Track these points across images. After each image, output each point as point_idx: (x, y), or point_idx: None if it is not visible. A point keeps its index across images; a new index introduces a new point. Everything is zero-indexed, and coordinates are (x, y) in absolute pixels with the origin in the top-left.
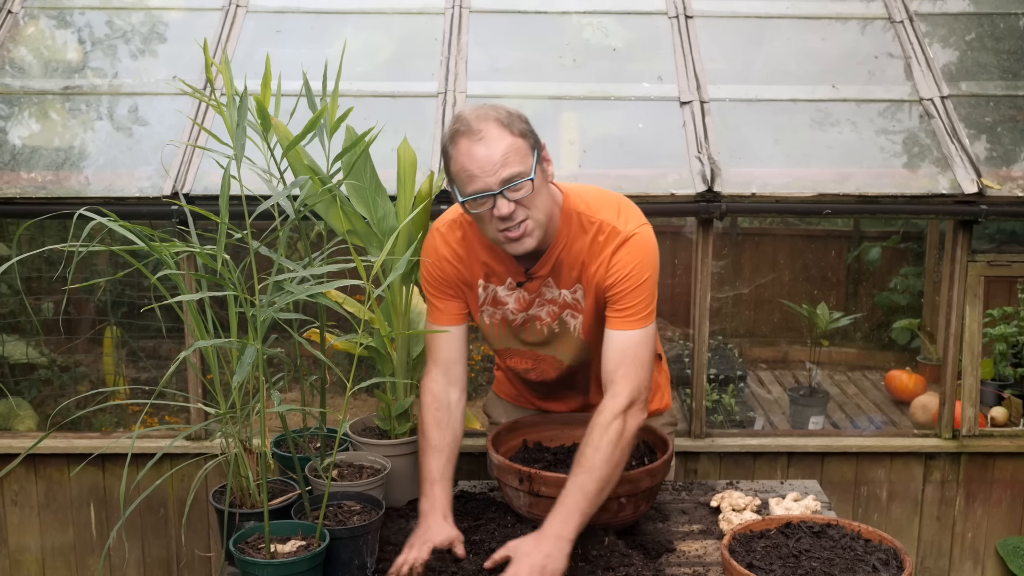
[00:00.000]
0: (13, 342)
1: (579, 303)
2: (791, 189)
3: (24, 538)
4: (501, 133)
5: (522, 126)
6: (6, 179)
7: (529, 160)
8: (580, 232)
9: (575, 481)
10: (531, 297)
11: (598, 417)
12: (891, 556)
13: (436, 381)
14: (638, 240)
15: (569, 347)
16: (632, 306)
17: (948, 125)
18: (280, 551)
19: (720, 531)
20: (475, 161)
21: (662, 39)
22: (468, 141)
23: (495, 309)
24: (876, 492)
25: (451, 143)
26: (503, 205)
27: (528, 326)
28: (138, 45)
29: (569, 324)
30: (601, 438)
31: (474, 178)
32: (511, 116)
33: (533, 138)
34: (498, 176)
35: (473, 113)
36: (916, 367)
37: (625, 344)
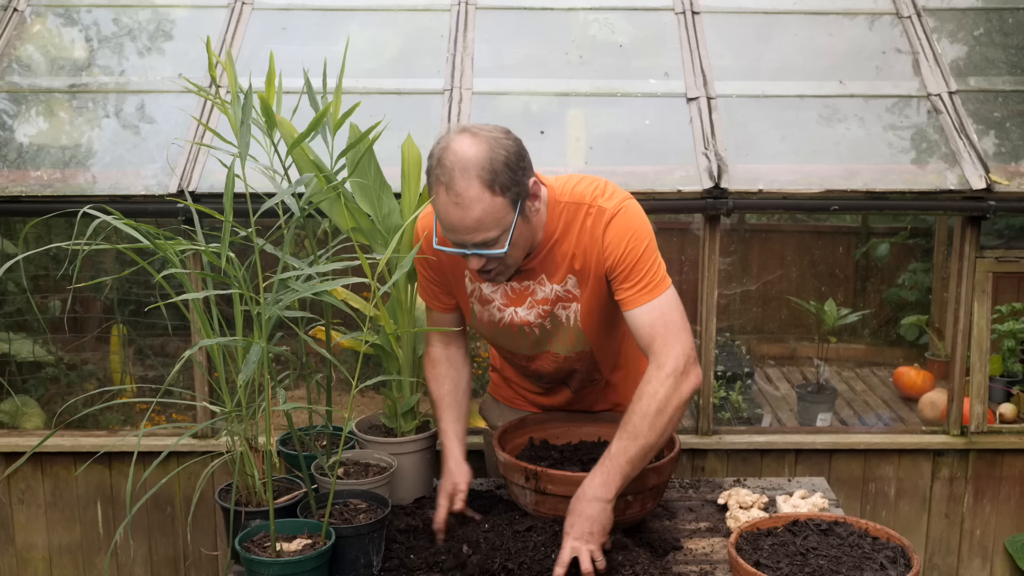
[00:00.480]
0: (20, 340)
1: (570, 293)
2: (798, 185)
3: (31, 536)
4: (481, 195)
5: (505, 179)
6: (12, 177)
7: (508, 218)
8: (570, 220)
9: (620, 445)
10: (521, 290)
11: (645, 386)
12: (899, 554)
13: (434, 346)
14: (625, 214)
15: (565, 339)
16: (642, 278)
17: (956, 121)
18: (286, 550)
19: (727, 529)
20: (450, 220)
21: (669, 35)
22: (446, 197)
23: (483, 307)
24: (884, 489)
25: (432, 184)
26: (474, 260)
27: (516, 331)
28: (144, 43)
29: (561, 316)
30: (649, 404)
31: (448, 231)
32: (495, 168)
33: (517, 189)
34: (470, 239)
35: (458, 158)
36: (924, 363)
37: (651, 316)
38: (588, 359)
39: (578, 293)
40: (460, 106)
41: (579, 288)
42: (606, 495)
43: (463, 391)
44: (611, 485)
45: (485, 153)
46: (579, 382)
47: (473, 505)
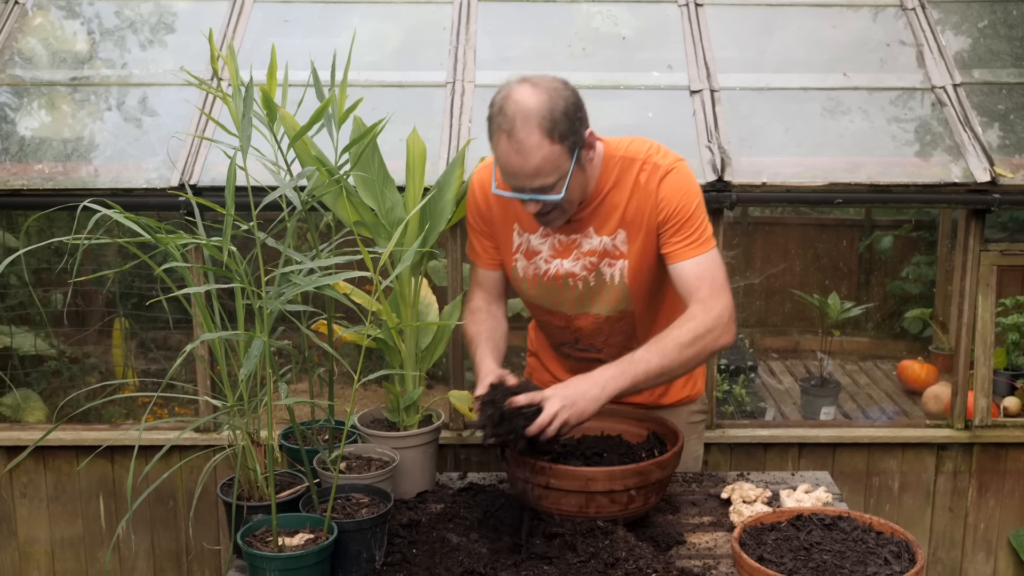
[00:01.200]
0: (22, 334)
1: (618, 249)
2: (802, 178)
3: (33, 530)
4: (540, 143)
5: (564, 127)
6: (14, 171)
7: (565, 166)
8: (623, 174)
9: (644, 355)
10: (568, 242)
11: (688, 320)
12: (903, 549)
13: (475, 300)
14: (679, 171)
15: (608, 298)
16: (692, 232)
17: (960, 113)
18: (288, 544)
19: (731, 523)
20: (510, 166)
21: (672, 27)
22: (507, 144)
23: (528, 262)
24: (888, 483)
25: (495, 131)
26: (531, 206)
27: (560, 284)
28: (146, 35)
29: (606, 274)
30: (684, 335)
31: (507, 177)
32: (554, 117)
33: (574, 137)
34: (529, 185)
35: (519, 106)
36: (928, 357)
37: (700, 269)
38: (628, 322)
39: (626, 249)
40: (463, 99)
41: (628, 244)
42: (609, 387)
43: (501, 335)
44: (618, 380)
45: (545, 103)
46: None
47: (476, 500)
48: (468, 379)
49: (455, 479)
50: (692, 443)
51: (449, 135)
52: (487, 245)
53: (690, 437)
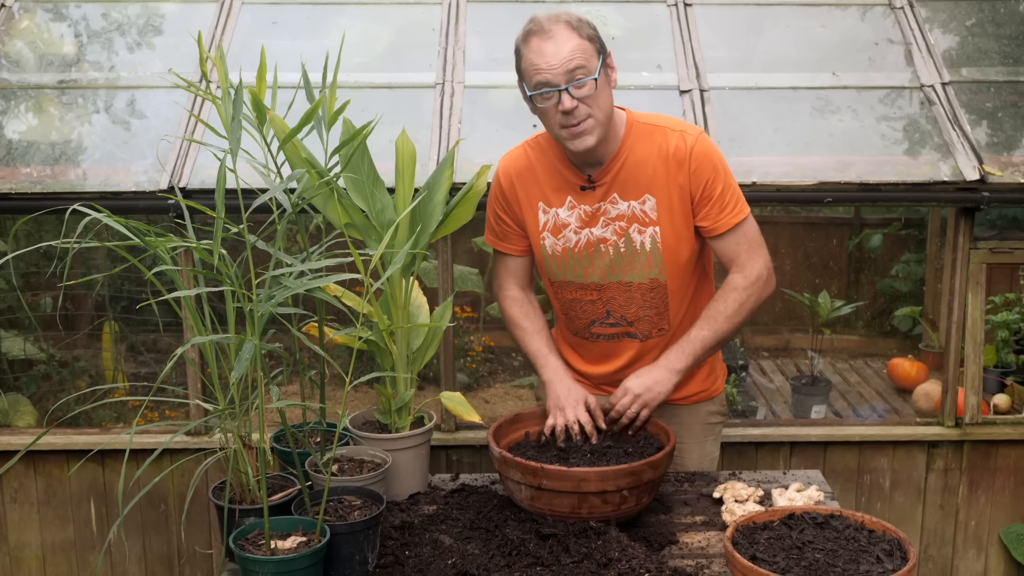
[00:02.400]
0: (11, 338)
1: (648, 215)
2: (792, 177)
3: (24, 535)
4: (570, 34)
5: (590, 31)
6: (1, 174)
7: (595, 61)
8: (644, 138)
9: (699, 331)
10: (593, 211)
11: (730, 291)
12: (895, 547)
13: (513, 288)
14: (705, 142)
15: (640, 265)
16: (728, 201)
17: (949, 111)
18: (280, 547)
19: (723, 522)
20: (543, 57)
21: (661, 27)
22: (539, 39)
23: (556, 239)
24: (879, 481)
25: (523, 42)
26: (567, 100)
27: (592, 251)
28: (134, 38)
29: (636, 240)
30: (731, 302)
31: (541, 72)
32: (580, 21)
33: (600, 43)
34: (564, 71)
35: (545, 15)
36: (918, 355)
37: (738, 236)
38: (660, 294)
39: (656, 216)
40: (452, 100)
41: (658, 211)
42: (676, 366)
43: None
44: (681, 360)
45: (568, 13)
46: (646, 328)
47: (468, 501)
48: (460, 380)
49: (447, 480)
50: (708, 445)
51: (439, 136)
52: (514, 231)
53: (707, 438)
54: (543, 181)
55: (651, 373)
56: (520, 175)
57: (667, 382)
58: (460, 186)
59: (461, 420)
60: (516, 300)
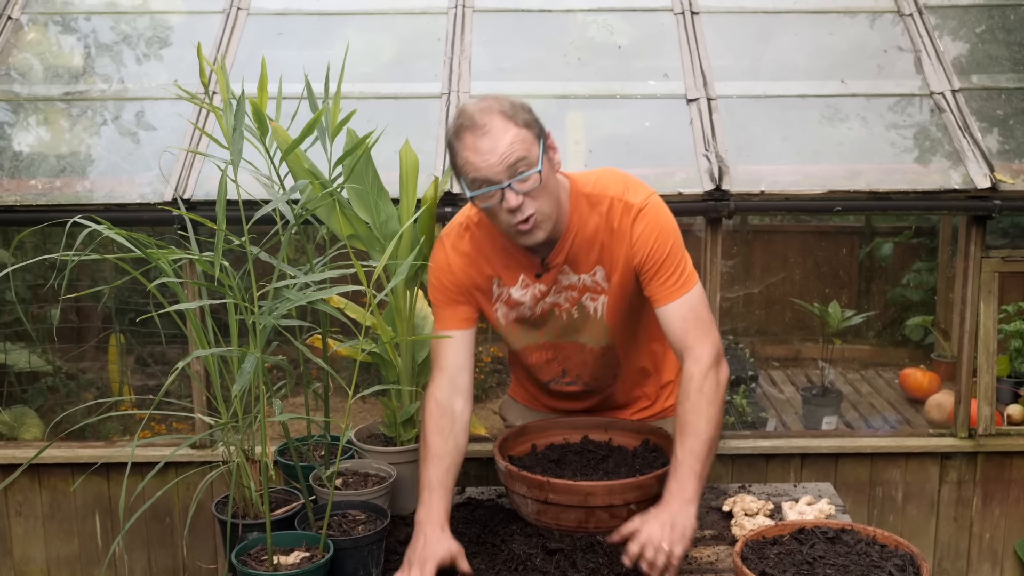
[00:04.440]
0: (17, 351)
1: (599, 284)
2: (801, 186)
3: (29, 549)
4: (505, 125)
5: (526, 116)
6: (7, 186)
7: (535, 150)
8: (591, 212)
9: (684, 448)
10: (547, 288)
11: (689, 383)
12: (908, 562)
13: (441, 388)
14: (651, 210)
15: (592, 330)
16: (670, 275)
17: (959, 119)
18: (283, 563)
19: (732, 536)
20: (480, 154)
21: (668, 36)
22: (472, 135)
23: (509, 309)
24: (891, 493)
25: (456, 138)
26: (512, 197)
27: (547, 315)
28: (140, 50)
29: (589, 308)
30: (699, 400)
31: (479, 170)
32: (514, 107)
33: (538, 127)
34: (504, 167)
35: (476, 106)
36: (930, 365)
37: (682, 312)
38: (612, 356)
39: (606, 286)
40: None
41: (607, 281)
42: (684, 495)
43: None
44: (687, 487)
45: (499, 100)
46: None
47: (474, 515)
48: None
49: (453, 494)
50: None
51: (444, 146)
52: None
53: None
54: (493, 260)
55: (667, 509)
56: (467, 256)
57: (687, 512)
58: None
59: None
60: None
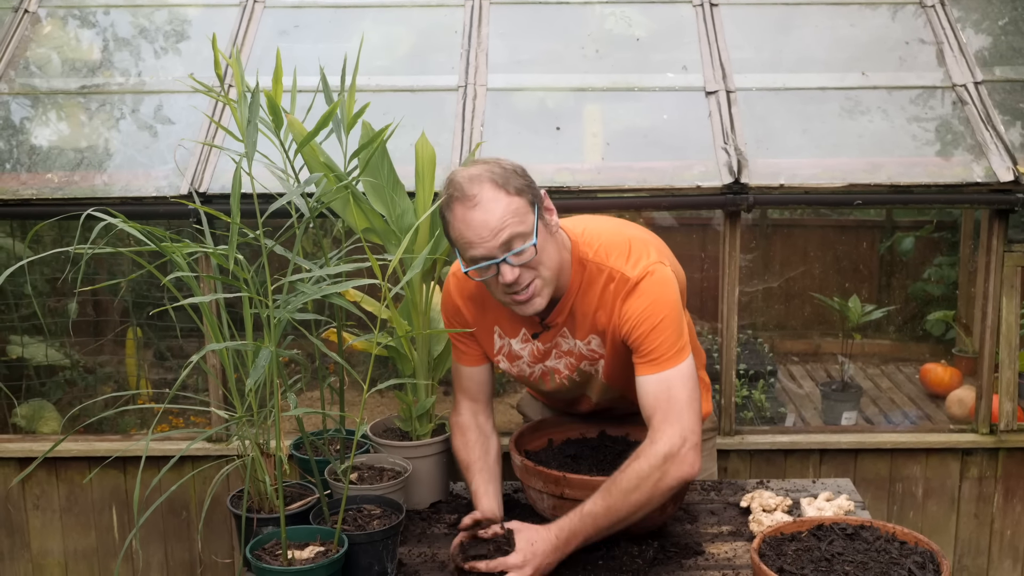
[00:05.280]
0: (35, 344)
1: (596, 353)
2: (820, 180)
3: (47, 542)
4: (496, 195)
5: (519, 182)
6: (24, 180)
7: (530, 219)
8: (592, 282)
9: (593, 508)
10: (546, 348)
11: (633, 460)
12: (928, 559)
13: (462, 414)
14: (647, 284)
15: (596, 389)
16: (654, 349)
17: (982, 111)
18: (298, 557)
19: (750, 532)
20: (473, 229)
21: (686, 28)
22: (463, 208)
23: (511, 363)
24: (911, 489)
25: (447, 209)
26: (507, 272)
27: (547, 378)
28: (156, 43)
29: (589, 371)
30: (629, 481)
31: (474, 246)
32: (506, 173)
33: (531, 193)
34: (498, 242)
35: (466, 174)
36: (951, 360)
37: (657, 388)
38: (626, 400)
39: (603, 352)
40: (475, 103)
41: (603, 347)
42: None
43: (494, 458)
44: (567, 541)
45: (491, 166)
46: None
47: None
48: None
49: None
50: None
51: (461, 139)
52: (469, 346)
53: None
54: (495, 309)
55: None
56: (472, 299)
57: (550, 557)
58: None
59: None
60: (461, 428)
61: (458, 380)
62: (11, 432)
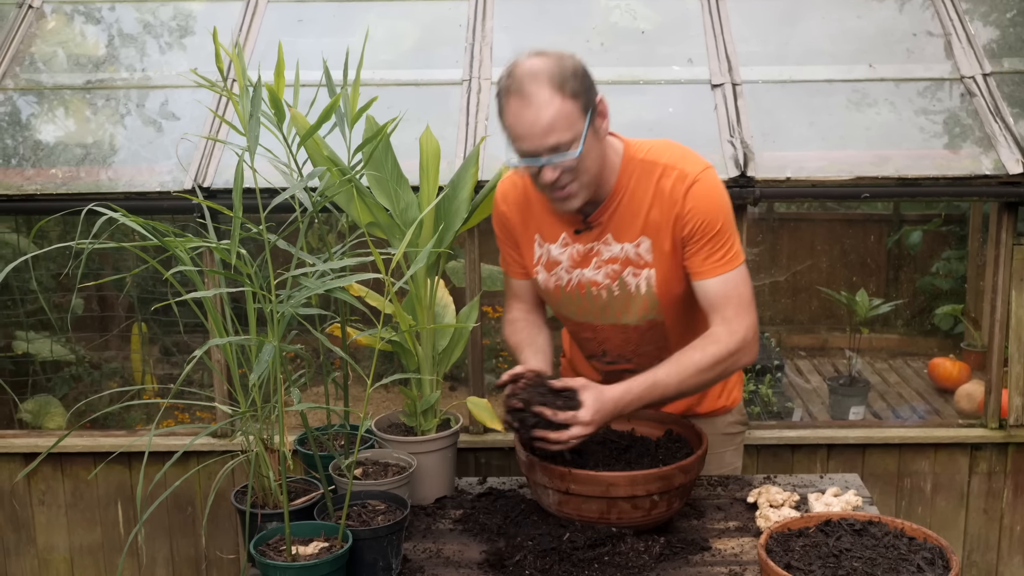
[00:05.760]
0: (40, 340)
1: (642, 258)
2: (828, 173)
3: (52, 538)
4: (551, 97)
5: (576, 85)
6: (28, 175)
7: (579, 125)
8: (643, 178)
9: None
10: (586, 252)
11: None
12: (937, 555)
13: (513, 311)
14: (706, 182)
15: (635, 308)
16: (721, 247)
17: (991, 103)
18: (302, 553)
19: (757, 528)
20: (522, 126)
21: (692, 20)
22: (517, 102)
23: (548, 274)
24: (920, 485)
25: (504, 96)
26: (548, 172)
27: (584, 292)
28: (160, 38)
29: (630, 284)
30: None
31: (520, 140)
32: (564, 74)
33: (586, 97)
34: (543, 144)
35: (528, 69)
36: (960, 354)
37: (727, 287)
38: (659, 332)
39: (651, 259)
40: (479, 96)
41: (652, 253)
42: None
43: (544, 339)
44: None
45: (554, 62)
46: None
47: (495, 506)
48: (489, 382)
49: (474, 484)
50: (728, 455)
51: (466, 133)
52: (514, 256)
53: (727, 448)
54: (538, 213)
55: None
56: (517, 204)
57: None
58: (485, 183)
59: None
60: (511, 321)
61: (509, 289)
62: (17, 428)
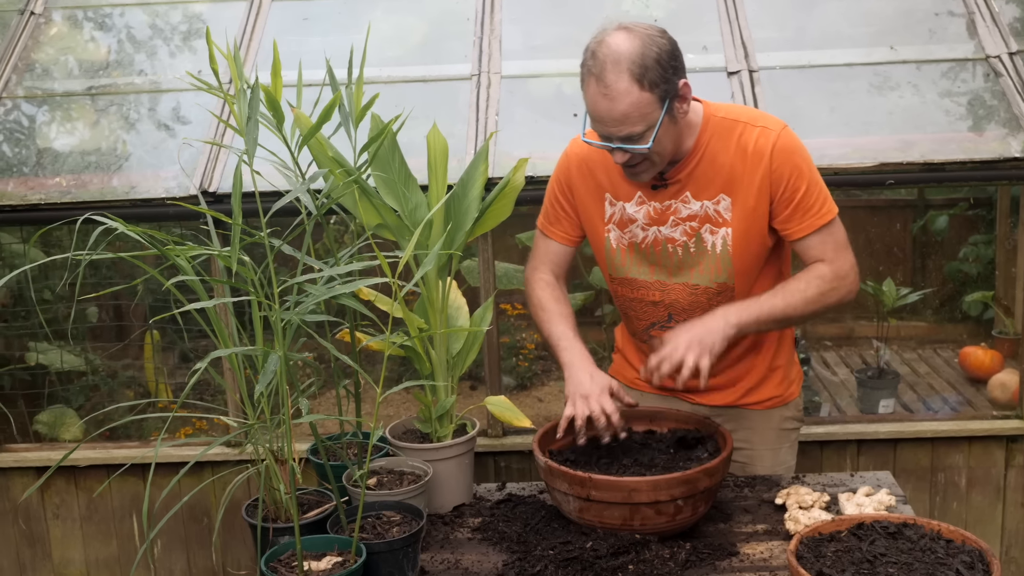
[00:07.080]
0: (53, 350)
1: (721, 215)
2: (850, 160)
3: (68, 552)
4: (629, 88)
5: (655, 75)
6: (32, 184)
7: (655, 115)
8: (722, 134)
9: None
10: (663, 209)
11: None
12: (976, 558)
13: (547, 272)
14: (791, 136)
15: (708, 268)
16: (812, 204)
17: (1018, 83)
18: (314, 569)
19: (786, 531)
20: (598, 111)
21: (706, 7)
22: (596, 88)
23: (622, 232)
24: (954, 479)
25: (586, 74)
26: (619, 155)
27: (659, 250)
28: (164, 41)
29: (707, 241)
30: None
31: (596, 122)
32: (646, 63)
33: (666, 86)
34: (616, 132)
35: (611, 55)
36: (992, 342)
37: (826, 238)
38: (727, 297)
39: (729, 217)
40: (489, 91)
41: (731, 211)
42: (733, 319)
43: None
44: (742, 315)
45: (638, 48)
46: None
47: (515, 512)
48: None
49: (493, 490)
50: (783, 452)
51: (476, 129)
52: (568, 217)
53: (781, 445)
54: (612, 172)
55: (705, 322)
56: (588, 163)
57: (721, 332)
58: (497, 181)
59: (510, 425)
60: (547, 283)
61: (543, 250)
62: (32, 439)
